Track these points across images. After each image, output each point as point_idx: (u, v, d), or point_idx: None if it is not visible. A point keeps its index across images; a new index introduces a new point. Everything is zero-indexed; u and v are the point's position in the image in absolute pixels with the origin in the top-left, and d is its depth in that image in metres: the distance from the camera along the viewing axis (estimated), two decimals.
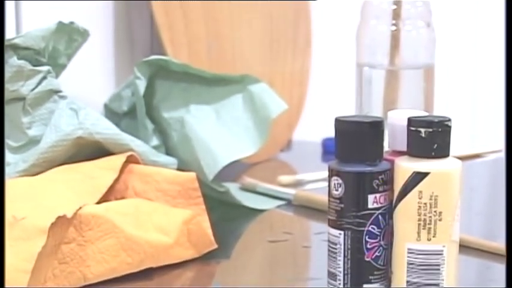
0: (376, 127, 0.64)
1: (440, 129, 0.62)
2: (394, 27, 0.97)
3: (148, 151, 0.86)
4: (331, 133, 0.66)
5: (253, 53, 1.19)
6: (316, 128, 1.24)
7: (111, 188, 0.79)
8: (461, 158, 1.14)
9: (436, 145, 0.62)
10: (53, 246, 0.67)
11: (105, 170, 0.79)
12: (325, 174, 0.67)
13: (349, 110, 1.01)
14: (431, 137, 0.62)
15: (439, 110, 1.00)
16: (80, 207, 0.70)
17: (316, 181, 1.03)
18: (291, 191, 0.95)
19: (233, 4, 1.16)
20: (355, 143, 0.64)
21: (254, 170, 1.10)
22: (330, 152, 1.17)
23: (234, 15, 1.16)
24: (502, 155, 1.22)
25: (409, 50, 0.97)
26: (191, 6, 1.11)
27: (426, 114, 0.67)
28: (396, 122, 0.66)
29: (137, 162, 0.83)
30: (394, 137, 0.67)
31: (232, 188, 0.95)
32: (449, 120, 0.63)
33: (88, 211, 0.70)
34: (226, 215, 0.90)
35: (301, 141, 1.29)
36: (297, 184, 1.02)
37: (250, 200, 0.94)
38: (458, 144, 1.38)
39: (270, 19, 1.22)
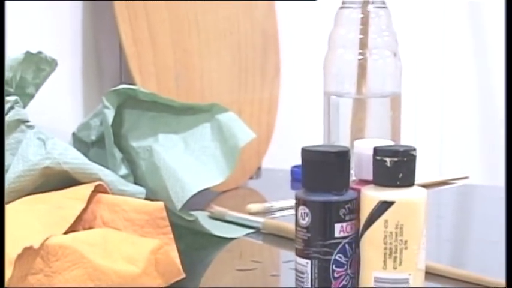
0: (342, 157, 0.65)
1: (405, 159, 0.63)
2: (361, 57, 0.97)
3: (117, 180, 0.86)
4: (300, 161, 0.67)
5: (222, 82, 1.20)
6: (285, 155, 1.25)
7: (79, 218, 0.79)
8: (430, 185, 1.16)
9: (401, 174, 0.63)
10: (19, 277, 0.67)
11: (72, 200, 0.79)
12: (294, 202, 0.68)
13: (317, 138, 1.02)
14: (396, 167, 0.63)
15: (406, 138, 1.01)
16: (47, 238, 0.70)
17: (285, 209, 1.03)
18: (260, 219, 0.95)
19: (202, 34, 1.17)
20: (322, 172, 0.65)
21: (223, 198, 1.11)
22: (299, 180, 1.17)
23: (202, 44, 1.17)
24: (469, 181, 1.23)
25: (376, 79, 0.97)
26: (160, 36, 1.12)
27: (392, 143, 0.68)
28: (362, 151, 0.67)
29: (105, 192, 0.82)
30: (360, 166, 0.67)
31: (201, 216, 0.95)
32: (414, 149, 0.64)
33: (55, 242, 0.70)
34: (194, 244, 0.90)
35: (270, 169, 1.29)
36: (266, 212, 1.02)
37: (219, 229, 0.94)
38: (426, 171, 1.39)
39: (238, 49, 1.23)
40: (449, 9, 1.54)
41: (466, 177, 1.23)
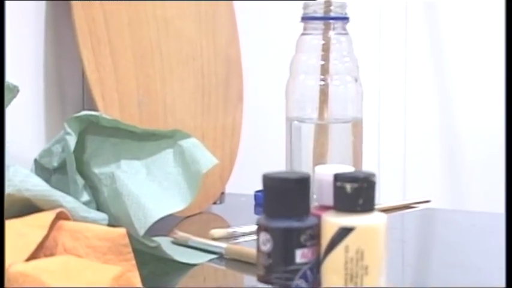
0: (302, 183, 0.65)
1: (365, 185, 0.64)
2: (322, 82, 0.98)
3: (79, 207, 0.85)
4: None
5: (185, 108, 1.20)
6: (248, 180, 1.25)
7: (41, 245, 0.78)
8: (392, 210, 1.17)
9: (361, 200, 0.64)
10: None
11: (34, 227, 0.78)
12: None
13: (280, 163, 1.02)
14: (356, 193, 0.63)
15: (369, 163, 1.01)
16: (9, 265, 0.70)
17: (248, 234, 1.03)
18: (223, 245, 0.95)
19: (165, 59, 1.17)
20: (283, 199, 0.65)
21: (186, 224, 1.11)
22: (262, 205, 1.18)
23: (165, 70, 1.17)
24: (431, 205, 1.24)
25: (337, 104, 0.98)
26: (122, 62, 1.12)
27: (353, 168, 0.68)
28: (323, 177, 0.67)
29: (67, 219, 0.82)
30: (321, 192, 0.68)
31: (164, 242, 0.95)
32: (374, 175, 0.64)
33: (16, 269, 0.70)
34: (157, 270, 0.90)
35: (234, 194, 1.30)
36: (229, 237, 1.02)
37: (182, 255, 0.94)
38: (389, 195, 1.40)
39: (201, 74, 1.23)
40: (411, 35, 1.56)
41: (427, 201, 1.24)
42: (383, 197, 1.00)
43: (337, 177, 0.64)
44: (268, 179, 0.66)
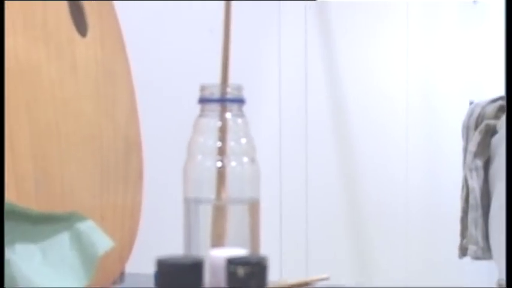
0: (195, 268, 0.66)
1: (256, 269, 0.64)
2: (219, 163, 0.99)
3: None
4: None
5: (84, 188, 1.20)
6: (148, 260, 1.25)
7: None
8: (291, 287, 1.17)
9: (253, 283, 0.64)
10: None
11: None
12: None
13: (179, 243, 1.02)
14: (248, 276, 0.64)
15: (268, 242, 1.02)
16: None
17: None
18: None
19: (62, 139, 1.17)
20: (176, 283, 0.65)
21: None
22: None
23: (63, 150, 1.16)
24: (330, 282, 1.26)
25: (235, 185, 0.99)
26: (19, 143, 1.11)
27: (248, 251, 0.69)
28: (216, 260, 0.68)
29: None
30: (215, 275, 0.68)
31: None
32: (266, 259, 0.65)
33: None
34: None
35: (134, 274, 1.29)
36: None
37: None
38: (292, 272, 1.41)
39: (100, 154, 1.23)
40: (311, 118, 1.59)
41: (326, 278, 1.26)
42: (286, 273, 1.01)
43: (230, 261, 0.65)
44: (161, 264, 0.66)
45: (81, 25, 1.24)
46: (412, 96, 2.52)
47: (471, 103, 3.94)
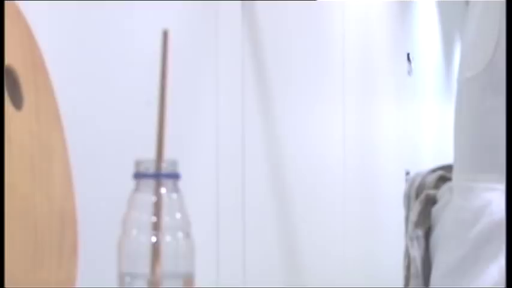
0: None
1: None
2: (154, 238, 0.99)
3: None
4: None
5: (16, 263, 1.18)
6: None
7: None
8: None
9: None
10: None
11: None
12: None
13: None
14: None
15: None
16: None
17: None
18: None
19: None
20: None
21: None
22: None
23: None
24: None
25: (169, 260, 0.99)
26: None
27: None
28: None
29: None
30: None
31: None
32: None
33: None
34: None
35: None
36: None
37: None
38: None
39: (34, 229, 1.22)
40: (248, 182, 1.60)
41: None
42: None
43: None
44: None
45: (16, 97, 1.23)
46: (349, 168, 2.55)
47: (407, 173, 4.00)
